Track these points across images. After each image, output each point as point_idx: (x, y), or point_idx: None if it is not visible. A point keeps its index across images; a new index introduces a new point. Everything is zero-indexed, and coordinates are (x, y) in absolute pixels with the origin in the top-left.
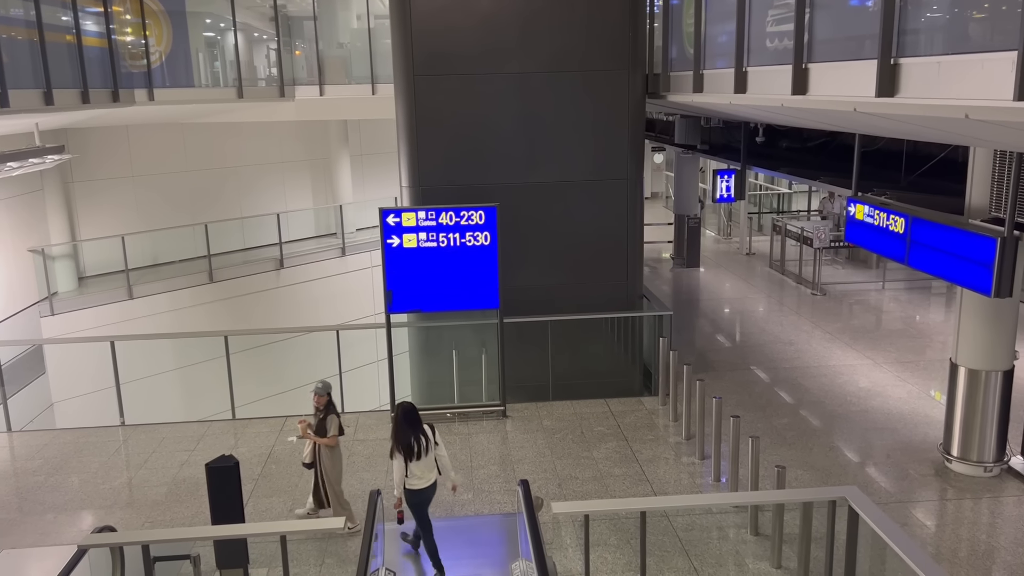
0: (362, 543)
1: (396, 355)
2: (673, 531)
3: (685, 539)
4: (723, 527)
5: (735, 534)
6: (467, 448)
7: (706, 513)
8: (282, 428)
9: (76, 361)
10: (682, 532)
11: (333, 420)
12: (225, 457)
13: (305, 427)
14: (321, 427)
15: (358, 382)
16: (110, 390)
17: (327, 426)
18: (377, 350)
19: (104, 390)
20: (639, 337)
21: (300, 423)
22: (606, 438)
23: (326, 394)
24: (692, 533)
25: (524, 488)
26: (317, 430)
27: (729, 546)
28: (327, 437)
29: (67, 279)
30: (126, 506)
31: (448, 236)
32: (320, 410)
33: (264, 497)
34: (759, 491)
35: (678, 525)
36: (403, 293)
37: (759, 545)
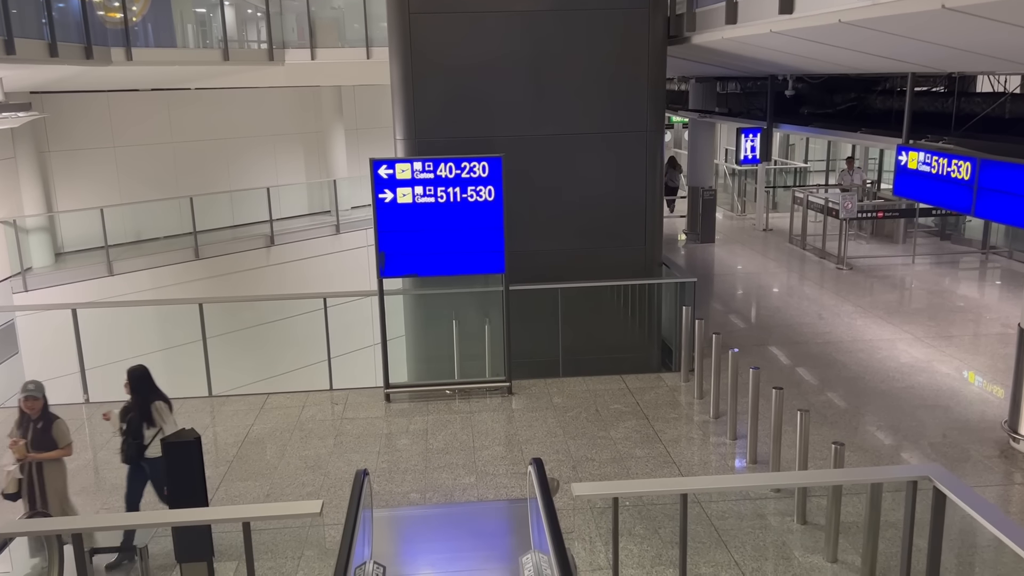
0: (344, 531)
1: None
2: (707, 519)
3: (722, 528)
4: (764, 514)
5: (779, 523)
6: (469, 427)
7: (743, 499)
8: (263, 406)
9: (51, 339)
10: (717, 520)
11: (61, 427)
12: (184, 431)
13: (18, 445)
14: (43, 439)
15: (348, 357)
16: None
17: (54, 436)
18: (373, 325)
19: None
20: (658, 308)
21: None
22: (624, 417)
23: (41, 396)
24: (729, 521)
25: (537, 468)
26: (37, 442)
27: (773, 536)
28: (57, 449)
29: (43, 254)
30: (80, 491)
31: (447, 191)
32: (36, 419)
33: (239, 481)
34: (823, 470)
35: (712, 512)
36: (397, 255)
37: (808, 535)
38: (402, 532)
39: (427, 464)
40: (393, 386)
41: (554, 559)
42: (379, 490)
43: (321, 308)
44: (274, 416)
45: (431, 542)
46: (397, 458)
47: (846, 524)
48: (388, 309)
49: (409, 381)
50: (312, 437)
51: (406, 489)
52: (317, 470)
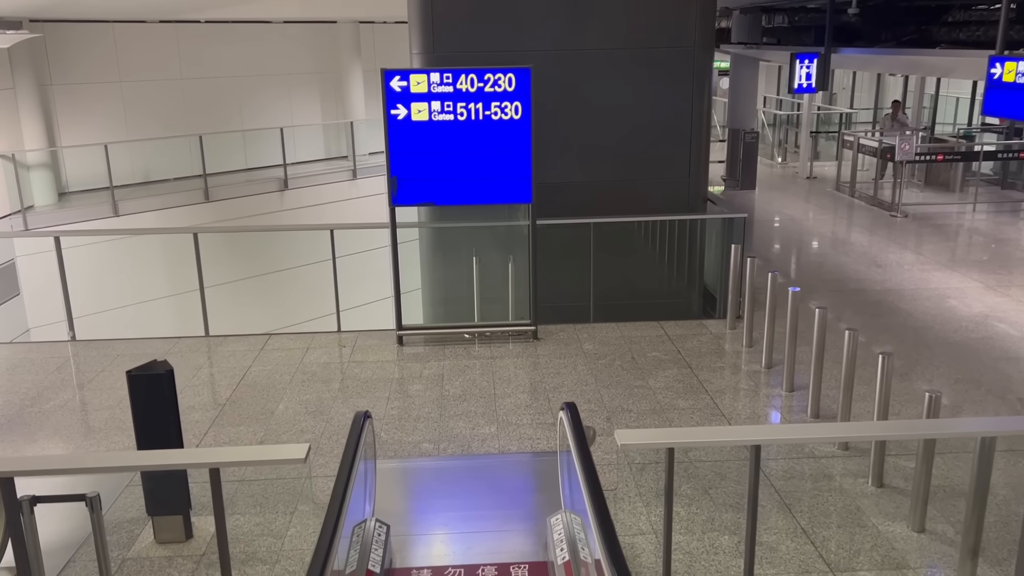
0: (336, 482)
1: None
2: (766, 479)
3: (784, 490)
4: (831, 475)
5: (851, 485)
6: (489, 374)
7: (806, 457)
8: (263, 348)
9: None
10: (778, 481)
11: None
12: (155, 363)
13: None
14: None
15: (361, 310)
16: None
17: None
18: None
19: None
20: (701, 249)
21: None
22: (664, 365)
23: None
24: (792, 483)
25: (571, 413)
26: None
27: (844, 500)
28: None
29: (45, 192)
30: (52, 434)
31: (468, 107)
32: None
33: (230, 426)
34: (934, 420)
35: (771, 472)
36: (411, 181)
37: (887, 500)
38: (411, 486)
39: (442, 412)
40: (406, 328)
41: (594, 518)
42: (387, 439)
43: (334, 257)
44: (275, 358)
45: (444, 498)
46: (409, 405)
47: (931, 489)
48: (402, 245)
49: (424, 323)
50: (315, 381)
51: (417, 438)
52: (319, 416)
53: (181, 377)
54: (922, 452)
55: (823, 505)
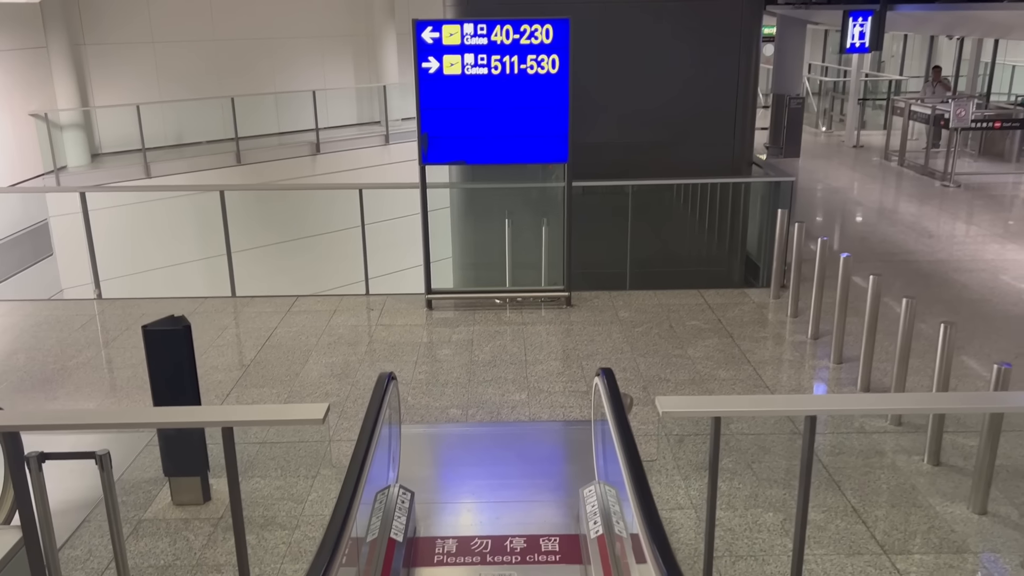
0: (356, 446)
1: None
2: (814, 454)
3: (832, 466)
4: (883, 451)
5: (905, 463)
6: (520, 340)
7: (856, 432)
8: (289, 309)
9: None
10: (825, 456)
11: None
12: (173, 318)
13: None
14: None
15: (388, 265)
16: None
17: None
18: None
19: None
20: (744, 215)
21: None
22: (704, 334)
23: None
24: (841, 459)
25: (607, 379)
26: None
27: (898, 478)
28: None
29: (78, 153)
30: (74, 391)
31: (503, 60)
32: None
33: (254, 387)
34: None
35: (818, 447)
36: (442, 139)
37: (944, 479)
38: (438, 453)
39: (471, 377)
40: (435, 292)
41: (631, 490)
42: (414, 404)
43: (363, 217)
44: (301, 320)
45: (472, 466)
46: (437, 369)
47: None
48: (433, 213)
49: (454, 287)
50: (341, 343)
51: (445, 404)
52: (344, 378)
53: (206, 337)
54: (987, 428)
55: (874, 483)
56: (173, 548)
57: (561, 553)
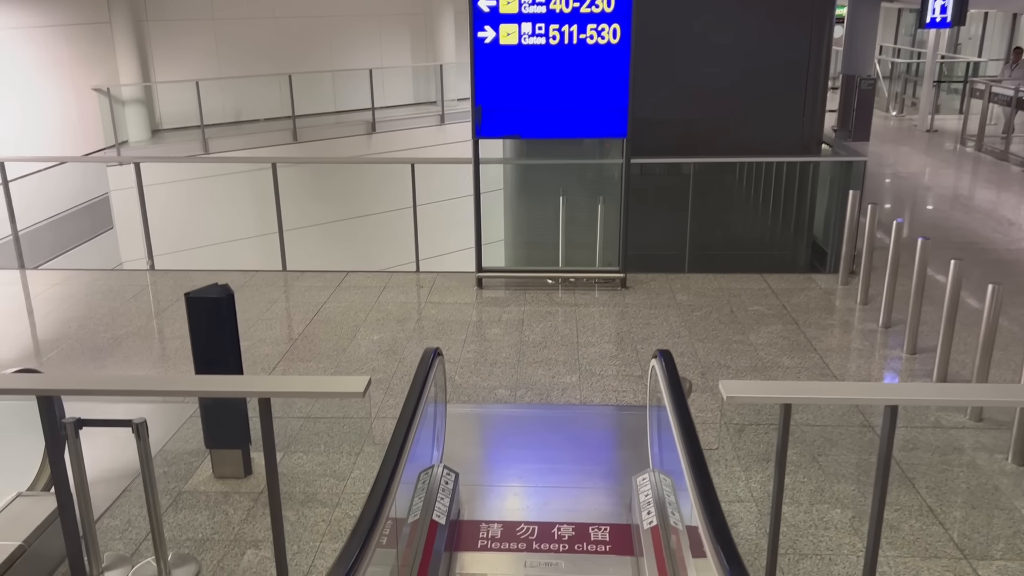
0: (398, 422)
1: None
2: None
3: (906, 463)
4: (962, 448)
5: (987, 461)
6: (572, 321)
7: (933, 427)
8: (339, 284)
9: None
10: (899, 452)
11: None
12: (216, 286)
13: None
14: None
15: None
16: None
17: None
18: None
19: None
20: (812, 197)
21: None
22: (766, 320)
23: None
24: (915, 454)
25: (665, 362)
26: None
27: (978, 478)
28: None
29: (139, 128)
30: (122, 360)
31: (561, 29)
32: None
33: (300, 361)
34: None
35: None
36: (497, 112)
37: None
38: (484, 434)
39: (520, 358)
40: (486, 270)
41: (691, 480)
42: (461, 383)
43: (414, 193)
44: (350, 295)
45: (519, 449)
46: (485, 348)
47: None
48: (486, 195)
49: (506, 267)
50: (390, 320)
51: (493, 384)
52: (391, 355)
53: (254, 310)
54: None
55: (951, 481)
56: (212, 521)
57: (611, 543)
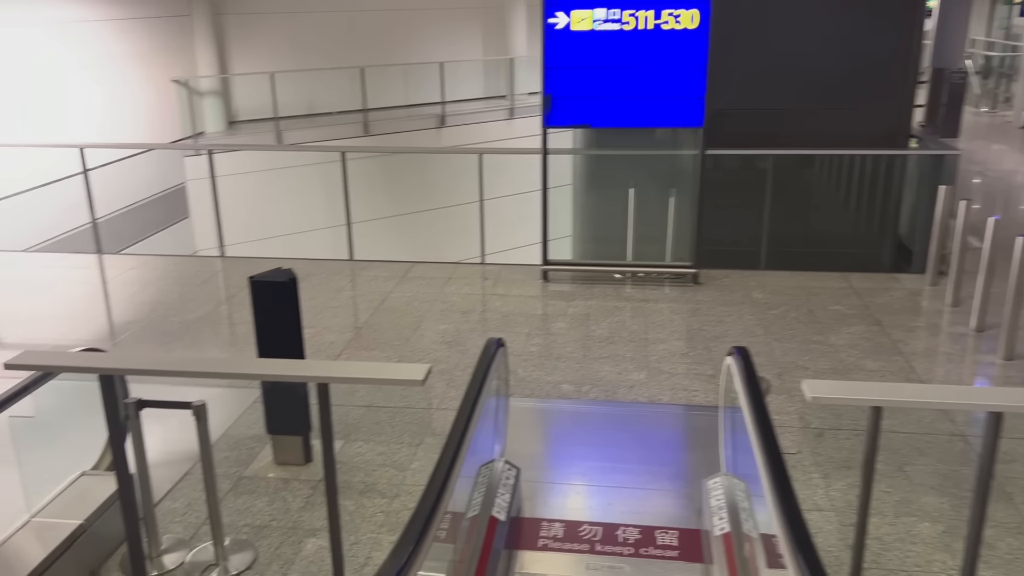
0: (459, 413)
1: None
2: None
3: (1004, 475)
4: None
5: None
6: (641, 317)
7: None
8: (405, 275)
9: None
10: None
11: None
12: (280, 270)
13: None
14: None
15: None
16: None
17: None
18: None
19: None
20: (898, 192)
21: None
22: (848, 320)
23: None
24: (1014, 467)
25: (742, 359)
26: None
27: None
28: None
29: (216, 119)
30: (190, 344)
31: (636, 15)
32: None
33: (364, 350)
34: None
35: None
36: (568, 100)
37: None
38: (547, 429)
39: (586, 353)
40: (552, 263)
41: (769, 486)
42: (524, 376)
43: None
44: (415, 286)
45: (584, 446)
46: (550, 342)
47: None
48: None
49: (573, 259)
50: (454, 311)
51: (557, 379)
52: (454, 346)
53: (321, 298)
54: None
55: None
56: (270, 508)
57: (680, 549)
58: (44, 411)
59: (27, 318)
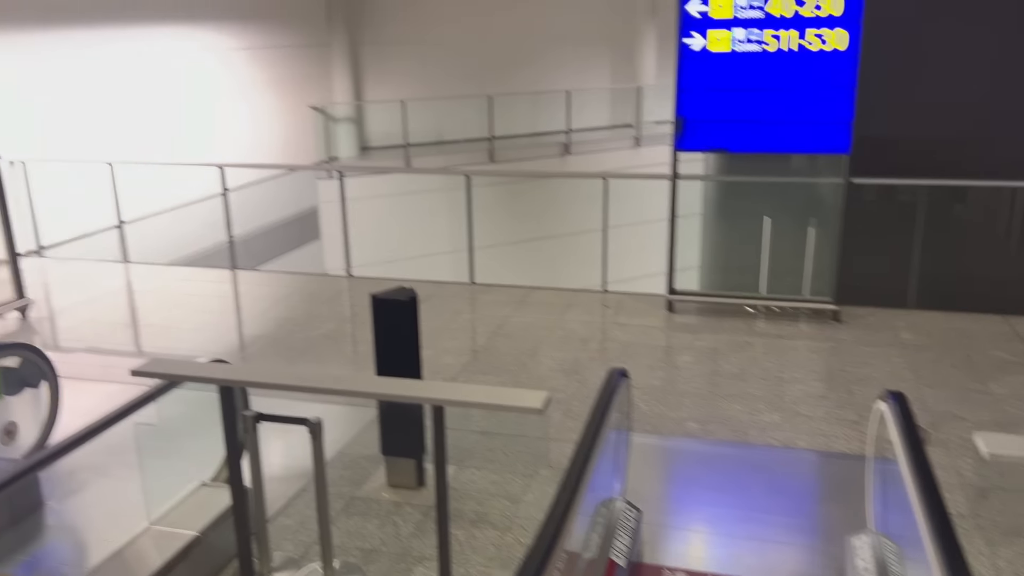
0: (578, 446)
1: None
2: None
3: None
4: None
5: None
6: (775, 354)
7: None
8: (523, 300)
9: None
10: None
11: None
12: (401, 289)
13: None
14: None
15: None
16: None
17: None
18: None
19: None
20: None
21: None
22: (1012, 368)
23: None
24: None
25: (899, 406)
26: None
27: None
28: None
29: (349, 145)
30: (313, 359)
31: (779, 35)
32: None
33: (480, 374)
34: None
35: None
36: (702, 123)
37: None
38: (671, 469)
39: (714, 390)
40: (678, 293)
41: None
42: (647, 411)
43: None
44: (534, 311)
45: (711, 490)
46: (675, 376)
47: None
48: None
49: (700, 289)
50: (573, 339)
51: (682, 415)
52: (573, 375)
53: (439, 320)
54: None
55: None
56: (381, 532)
57: None
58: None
59: (165, 328)
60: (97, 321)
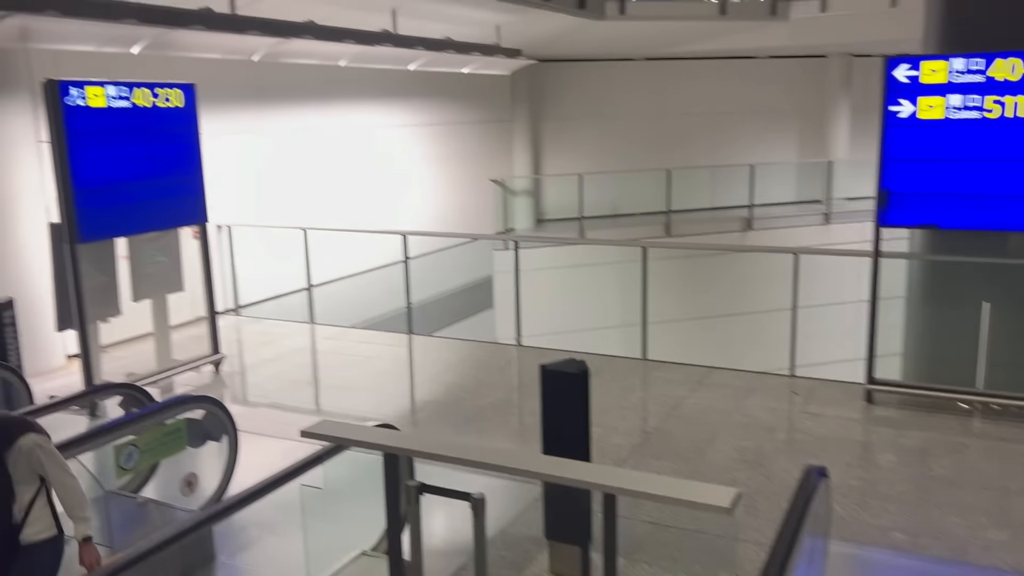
0: (772, 553)
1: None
2: None
3: None
4: None
5: None
6: (996, 459)
7: None
8: (701, 380)
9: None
10: None
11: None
12: (572, 361)
13: None
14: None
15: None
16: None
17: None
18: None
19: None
20: None
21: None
22: None
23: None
24: None
25: None
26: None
27: None
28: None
29: (526, 217)
30: (478, 430)
31: (1003, 100)
32: None
33: (652, 458)
34: None
35: None
36: (909, 197)
37: None
38: None
39: (923, 497)
40: (880, 383)
41: None
42: (843, 515)
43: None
44: (713, 393)
45: None
46: (876, 477)
47: None
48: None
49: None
50: (756, 426)
51: (886, 524)
52: (756, 467)
53: (609, 397)
54: None
55: None
56: None
57: None
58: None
59: (343, 389)
60: (281, 378)
